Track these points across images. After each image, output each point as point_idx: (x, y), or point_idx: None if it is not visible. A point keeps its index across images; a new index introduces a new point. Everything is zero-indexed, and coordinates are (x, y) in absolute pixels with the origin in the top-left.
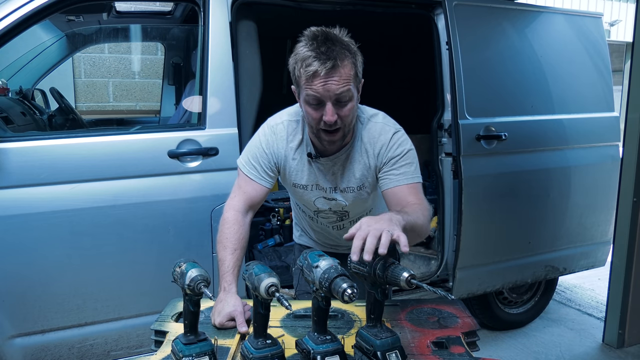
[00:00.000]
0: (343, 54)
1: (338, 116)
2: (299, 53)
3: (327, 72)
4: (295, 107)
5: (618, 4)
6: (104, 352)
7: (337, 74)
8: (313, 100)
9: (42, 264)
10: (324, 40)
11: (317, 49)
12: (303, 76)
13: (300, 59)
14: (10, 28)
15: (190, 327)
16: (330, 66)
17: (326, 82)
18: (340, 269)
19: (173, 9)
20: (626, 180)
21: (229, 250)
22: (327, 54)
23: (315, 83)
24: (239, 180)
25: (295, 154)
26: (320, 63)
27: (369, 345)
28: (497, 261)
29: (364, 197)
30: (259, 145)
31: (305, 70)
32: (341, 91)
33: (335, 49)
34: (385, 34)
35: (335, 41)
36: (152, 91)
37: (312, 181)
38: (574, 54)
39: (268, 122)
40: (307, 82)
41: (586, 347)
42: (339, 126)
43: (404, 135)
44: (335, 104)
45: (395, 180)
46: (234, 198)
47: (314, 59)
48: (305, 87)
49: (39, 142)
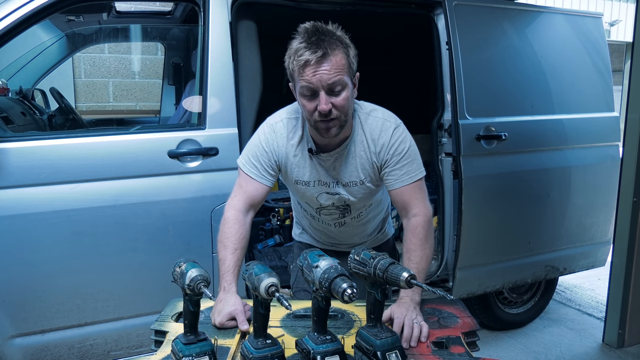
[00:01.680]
0: (334, 44)
1: (332, 105)
2: (292, 47)
3: (317, 60)
4: (293, 105)
5: (618, 4)
6: (104, 352)
7: (328, 62)
8: (307, 91)
9: (42, 264)
10: (314, 31)
11: (307, 39)
12: (296, 67)
13: (292, 52)
14: (10, 28)
15: (190, 327)
16: (321, 54)
17: (317, 70)
18: (340, 269)
19: (173, 9)
20: (626, 180)
21: (229, 250)
22: (317, 44)
23: (307, 72)
24: (239, 179)
25: (296, 151)
26: (311, 52)
27: (369, 345)
28: (497, 261)
29: (366, 192)
30: (259, 144)
31: (297, 60)
32: (333, 80)
33: (325, 39)
34: (385, 34)
35: (325, 32)
36: (152, 91)
37: (314, 177)
38: (574, 54)
39: (267, 121)
40: (299, 73)
41: (586, 347)
42: (334, 116)
43: (405, 130)
44: (329, 93)
45: (400, 181)
46: (234, 197)
47: (305, 49)
48: (299, 79)
49: (39, 142)
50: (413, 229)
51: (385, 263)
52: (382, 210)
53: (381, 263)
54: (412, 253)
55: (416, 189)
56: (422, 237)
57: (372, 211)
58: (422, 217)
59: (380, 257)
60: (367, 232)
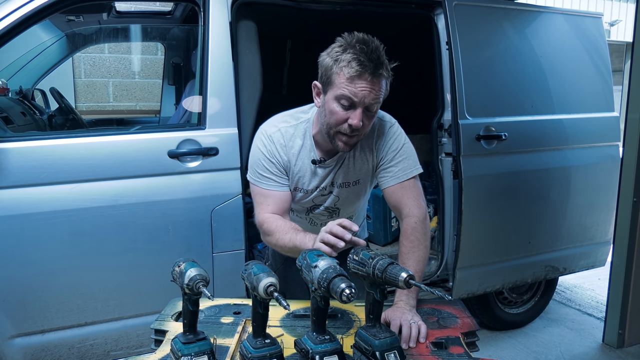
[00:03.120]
0: (386, 71)
1: (362, 123)
2: (343, 52)
3: (372, 78)
4: (287, 113)
5: (618, 4)
6: (104, 352)
7: (378, 84)
8: (346, 101)
9: (43, 264)
10: (374, 50)
11: (366, 54)
12: (344, 74)
13: (345, 59)
14: (10, 28)
15: (190, 326)
16: (378, 75)
17: (368, 87)
18: (339, 269)
19: (173, 9)
20: (626, 180)
21: (289, 230)
22: (376, 63)
23: (357, 84)
24: (259, 195)
25: (297, 160)
26: (369, 68)
27: (368, 345)
28: (497, 261)
29: (356, 192)
30: (263, 157)
31: (350, 68)
32: (375, 102)
33: (383, 62)
34: (385, 34)
35: (382, 55)
36: (152, 91)
37: (314, 184)
38: (574, 54)
39: (264, 131)
40: (348, 81)
41: (586, 347)
42: (359, 133)
43: (399, 128)
44: (364, 112)
45: (395, 178)
46: (263, 210)
47: (362, 63)
48: (343, 86)
49: (39, 142)
50: (405, 232)
51: (384, 263)
52: (363, 215)
53: (380, 263)
54: (405, 256)
55: (410, 186)
56: (414, 239)
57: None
58: (414, 218)
59: (380, 257)
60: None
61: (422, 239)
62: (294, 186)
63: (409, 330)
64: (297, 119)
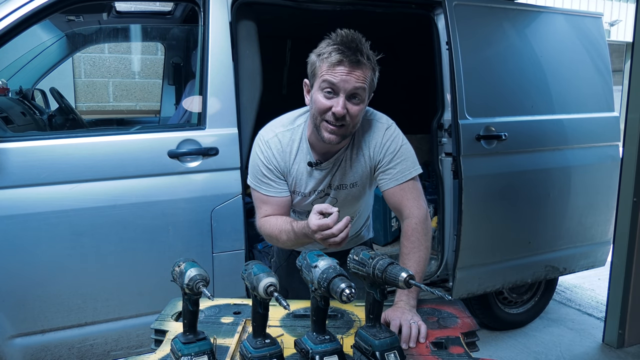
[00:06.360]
0: (367, 57)
1: (347, 112)
2: (325, 46)
3: (351, 64)
4: (285, 117)
5: (618, 4)
6: (104, 352)
7: (360, 70)
8: (328, 86)
9: (42, 264)
10: (352, 40)
11: (345, 44)
12: (325, 63)
13: (327, 51)
14: (10, 28)
15: (190, 326)
16: (356, 60)
17: (348, 73)
18: (339, 269)
19: (173, 9)
20: (626, 180)
21: (284, 225)
22: (354, 50)
23: (337, 70)
24: (258, 200)
25: (294, 164)
26: (347, 55)
27: (368, 345)
28: (497, 261)
29: (355, 194)
30: (261, 163)
31: (330, 57)
32: (358, 87)
33: (362, 50)
34: (385, 34)
35: (362, 45)
36: (152, 91)
37: (311, 187)
38: (574, 54)
39: (262, 137)
40: (329, 68)
41: (586, 347)
42: (344, 122)
43: (397, 130)
44: (348, 99)
45: (394, 180)
46: (262, 214)
47: (341, 51)
48: (325, 74)
49: (39, 142)
50: (405, 233)
51: (384, 263)
52: (365, 218)
53: (380, 263)
54: (406, 257)
55: (410, 188)
56: (414, 240)
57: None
58: (414, 219)
59: (380, 257)
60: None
61: (422, 240)
62: (292, 189)
63: (409, 330)
64: (294, 123)
